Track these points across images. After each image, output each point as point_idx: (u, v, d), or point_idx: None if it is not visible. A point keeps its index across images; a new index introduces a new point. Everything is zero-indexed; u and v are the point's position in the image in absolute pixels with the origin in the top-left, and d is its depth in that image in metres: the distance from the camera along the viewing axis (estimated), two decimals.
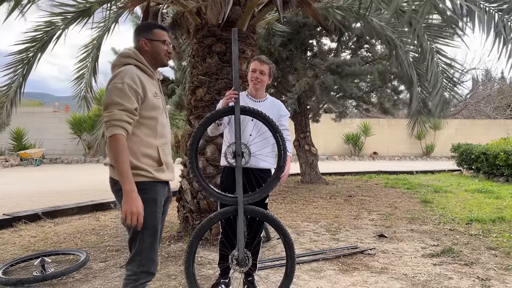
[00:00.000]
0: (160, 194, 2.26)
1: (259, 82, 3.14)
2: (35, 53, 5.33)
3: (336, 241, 4.87)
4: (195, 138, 2.65)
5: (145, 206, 2.16)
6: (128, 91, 2.10)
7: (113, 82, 2.13)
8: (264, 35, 8.18)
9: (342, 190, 9.09)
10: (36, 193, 8.94)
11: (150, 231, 2.20)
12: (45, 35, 5.27)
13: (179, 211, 4.98)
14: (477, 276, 3.63)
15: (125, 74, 2.14)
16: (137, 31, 2.35)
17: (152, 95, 2.22)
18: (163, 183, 2.30)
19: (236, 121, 2.63)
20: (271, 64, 3.22)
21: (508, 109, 28.52)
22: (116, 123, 2.07)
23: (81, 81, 6.33)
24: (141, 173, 2.18)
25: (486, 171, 11.07)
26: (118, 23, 5.86)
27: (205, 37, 4.90)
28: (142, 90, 2.16)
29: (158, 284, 3.47)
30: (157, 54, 2.31)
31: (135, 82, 2.13)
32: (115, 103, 2.08)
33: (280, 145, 2.72)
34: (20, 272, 3.83)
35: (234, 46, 2.65)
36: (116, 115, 2.07)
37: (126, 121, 2.09)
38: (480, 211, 6.46)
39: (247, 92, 3.25)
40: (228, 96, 2.76)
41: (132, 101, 2.11)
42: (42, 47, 5.31)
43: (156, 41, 2.30)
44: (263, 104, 3.18)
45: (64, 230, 5.47)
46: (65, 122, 19.32)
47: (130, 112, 2.11)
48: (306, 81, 8.37)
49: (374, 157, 21.87)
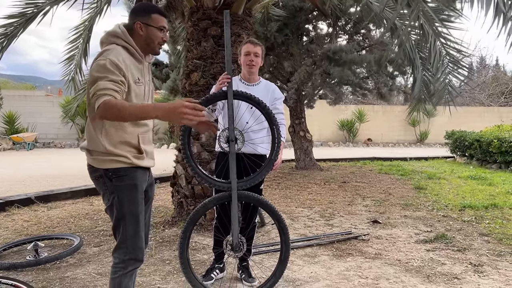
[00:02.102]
0: (140, 180, 2.19)
1: (254, 65, 3.08)
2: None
3: (330, 227, 4.89)
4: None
5: (125, 193, 2.12)
6: (110, 66, 1.98)
7: (97, 60, 2.02)
8: (260, 20, 8.06)
9: (336, 176, 9.12)
10: (29, 177, 8.88)
11: (131, 218, 2.15)
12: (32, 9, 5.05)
13: (174, 197, 4.96)
14: (469, 262, 3.66)
15: (109, 52, 2.03)
16: (134, 12, 2.21)
17: (133, 81, 2.11)
18: (144, 169, 2.23)
19: (229, 106, 2.58)
20: (262, 46, 3.16)
21: (502, 96, 28.64)
22: (102, 92, 1.92)
23: (71, 63, 6.22)
24: (119, 159, 2.10)
25: (480, 158, 11.14)
26: (110, 5, 5.74)
27: (200, 20, 4.81)
28: (125, 72, 2.05)
29: (153, 269, 3.46)
30: (151, 41, 2.17)
31: (119, 60, 2.02)
32: (99, 78, 1.96)
33: (274, 132, 2.66)
34: (13, 257, 3.81)
35: (226, 29, 2.60)
36: (101, 85, 1.93)
37: (112, 88, 1.94)
38: (473, 198, 6.51)
39: (240, 76, 3.19)
40: (220, 81, 2.71)
41: (115, 74, 1.98)
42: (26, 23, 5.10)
43: (152, 27, 2.16)
44: (256, 88, 3.12)
45: (58, 215, 5.44)
46: (58, 106, 19.11)
47: (116, 82, 1.98)
48: (305, 70, 8.29)
49: (369, 143, 21.95)
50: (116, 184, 2.12)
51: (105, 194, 2.17)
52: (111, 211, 2.17)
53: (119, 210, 2.14)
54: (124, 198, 2.12)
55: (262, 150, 3.11)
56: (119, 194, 2.13)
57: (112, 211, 2.16)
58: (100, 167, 2.13)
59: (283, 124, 3.13)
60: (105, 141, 2.08)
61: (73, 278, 3.27)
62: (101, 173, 2.13)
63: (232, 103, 2.59)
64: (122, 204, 2.13)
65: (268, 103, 3.08)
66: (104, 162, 2.11)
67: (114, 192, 2.13)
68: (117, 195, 2.13)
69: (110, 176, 2.12)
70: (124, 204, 2.13)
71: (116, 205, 2.13)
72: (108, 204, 2.17)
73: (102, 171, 2.12)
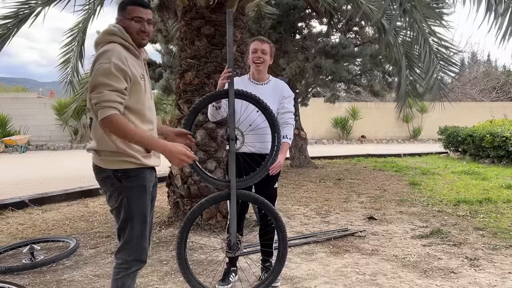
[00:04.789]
0: (148, 181, 2.19)
1: (261, 62, 3.01)
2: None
3: (327, 224, 4.90)
4: (188, 122, 2.59)
5: (134, 193, 2.11)
6: (116, 71, 1.97)
7: (99, 63, 2.00)
8: (254, 17, 8.06)
9: (331, 174, 9.15)
10: (22, 180, 8.80)
11: (139, 219, 2.14)
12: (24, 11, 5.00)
13: (169, 197, 4.95)
14: (465, 256, 3.69)
15: (112, 53, 2.01)
16: (117, 9, 2.21)
17: (139, 77, 2.11)
18: (151, 169, 2.23)
19: (230, 105, 2.56)
20: (271, 44, 3.09)
21: (494, 91, 28.87)
22: (108, 104, 1.94)
23: (67, 66, 6.16)
24: (130, 160, 2.10)
25: (473, 153, 11.23)
26: (103, 5, 5.70)
27: (193, 19, 4.80)
28: (130, 71, 2.05)
29: (150, 269, 3.45)
30: (130, 33, 2.13)
31: (123, 62, 2.01)
32: (103, 84, 1.96)
33: (274, 133, 2.61)
34: (9, 260, 3.78)
35: (229, 27, 2.57)
36: (106, 95, 1.95)
37: (118, 101, 1.97)
38: (467, 193, 6.56)
39: (249, 76, 3.13)
40: (222, 76, 2.66)
41: (121, 81, 1.99)
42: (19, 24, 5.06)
43: (127, 19, 2.14)
44: (265, 87, 3.06)
45: (53, 217, 5.40)
46: (50, 108, 18.96)
47: (121, 92, 1.99)
48: (297, 64, 8.31)
49: (362, 140, 22.03)
50: (126, 185, 2.10)
51: (112, 195, 2.15)
52: (118, 212, 2.15)
53: (127, 211, 2.12)
54: (133, 199, 2.11)
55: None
56: (128, 195, 2.11)
57: (119, 212, 2.14)
58: (109, 168, 2.10)
59: (291, 123, 3.07)
60: (117, 140, 2.06)
61: (70, 281, 3.25)
62: (109, 174, 2.11)
63: (233, 102, 2.57)
64: (131, 205, 2.11)
65: (277, 102, 3.05)
66: (113, 163, 2.10)
67: (122, 193, 2.11)
68: (126, 195, 2.11)
69: (120, 176, 2.10)
70: (133, 204, 2.11)
71: (125, 206, 2.12)
72: (115, 205, 2.15)
73: (111, 172, 2.10)
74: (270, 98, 2.93)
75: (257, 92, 2.69)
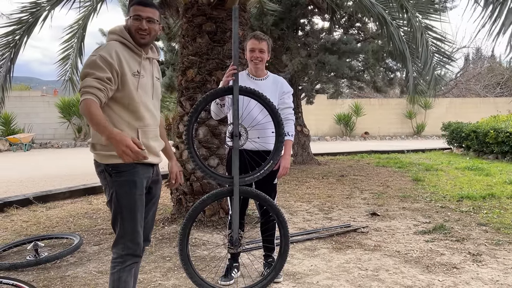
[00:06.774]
0: (140, 176, 2.20)
1: (260, 61, 3.02)
2: (21, 36, 5.16)
3: (329, 220, 4.90)
4: (192, 119, 2.59)
5: (122, 188, 2.15)
6: (100, 62, 2.06)
7: (89, 56, 2.12)
8: (256, 14, 8.04)
9: (334, 170, 9.14)
10: (26, 178, 8.86)
11: (128, 214, 2.16)
12: (30, 17, 5.09)
13: (172, 194, 4.97)
14: (468, 252, 3.68)
15: (102, 47, 2.13)
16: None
17: (131, 73, 2.16)
18: (146, 165, 2.24)
19: (234, 102, 2.56)
20: (268, 39, 3.08)
21: (498, 87, 28.70)
22: (86, 89, 2.02)
23: (66, 62, 6.17)
24: None
25: (476, 149, 11.18)
26: (106, 2, 5.69)
27: (195, 16, 4.80)
28: (118, 65, 2.11)
29: (153, 265, 3.47)
30: (130, 32, 2.21)
31: (110, 55, 2.09)
32: (87, 73, 2.06)
33: (278, 129, 2.62)
34: (13, 257, 3.81)
35: (235, 24, 2.57)
36: (87, 82, 2.04)
37: (96, 87, 2.03)
38: (470, 188, 6.54)
39: (247, 71, 3.14)
40: (227, 73, 2.66)
41: (103, 71, 2.06)
42: (28, 29, 5.14)
43: (130, 18, 2.22)
44: (264, 83, 3.08)
45: (57, 215, 5.43)
46: (54, 106, 19.03)
47: (102, 80, 2.05)
48: (299, 61, 8.29)
49: (366, 137, 21.99)
50: (115, 180, 2.15)
51: (106, 189, 2.23)
52: (110, 205, 2.22)
53: (116, 205, 2.17)
54: (122, 194, 2.15)
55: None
56: (117, 189, 2.16)
57: (111, 206, 2.21)
58: (102, 162, 2.17)
59: (291, 119, 3.09)
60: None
61: (74, 277, 3.27)
62: (103, 168, 2.18)
63: (238, 98, 2.57)
64: (120, 199, 2.16)
65: (277, 98, 3.06)
66: (105, 158, 2.15)
67: (112, 187, 2.17)
68: (115, 190, 2.16)
69: (110, 171, 2.15)
70: (121, 199, 2.15)
71: (114, 200, 2.17)
72: (108, 199, 2.22)
73: (103, 166, 2.17)
74: (271, 93, 2.95)
75: (258, 87, 2.70)
